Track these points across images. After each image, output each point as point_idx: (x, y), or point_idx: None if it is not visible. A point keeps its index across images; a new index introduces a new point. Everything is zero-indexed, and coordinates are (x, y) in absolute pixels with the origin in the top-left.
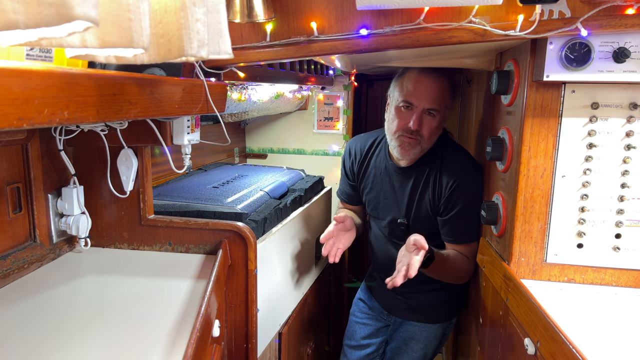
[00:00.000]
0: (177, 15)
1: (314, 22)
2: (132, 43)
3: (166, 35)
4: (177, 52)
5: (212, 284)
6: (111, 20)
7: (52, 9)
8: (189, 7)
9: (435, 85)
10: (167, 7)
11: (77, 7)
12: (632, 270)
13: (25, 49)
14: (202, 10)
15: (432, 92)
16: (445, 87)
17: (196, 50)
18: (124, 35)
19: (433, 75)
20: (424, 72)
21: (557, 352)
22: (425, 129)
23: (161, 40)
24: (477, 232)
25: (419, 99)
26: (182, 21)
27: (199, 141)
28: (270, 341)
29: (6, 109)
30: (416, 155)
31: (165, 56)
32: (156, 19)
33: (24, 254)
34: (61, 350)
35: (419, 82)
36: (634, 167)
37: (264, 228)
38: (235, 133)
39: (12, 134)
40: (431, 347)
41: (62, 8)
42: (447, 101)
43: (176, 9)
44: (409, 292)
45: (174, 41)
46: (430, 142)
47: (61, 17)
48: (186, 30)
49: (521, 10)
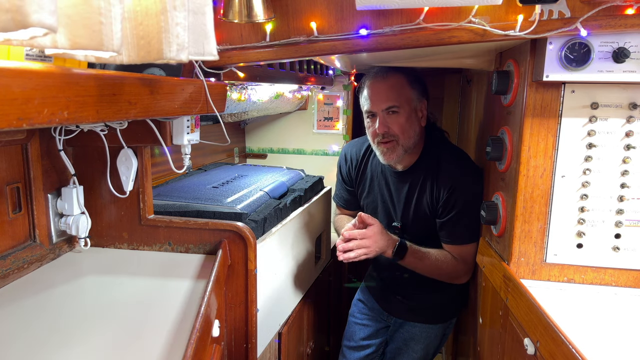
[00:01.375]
0: (157, 18)
1: (314, 22)
2: (102, 46)
3: (146, 37)
4: (156, 55)
5: (212, 284)
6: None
7: (9, 15)
8: (169, 10)
9: (386, 85)
10: (148, 10)
11: (33, 15)
12: (631, 270)
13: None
14: (182, 15)
15: (384, 92)
16: (398, 82)
17: (175, 54)
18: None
19: (381, 76)
20: (374, 77)
21: (556, 352)
22: (395, 127)
23: (141, 41)
24: (475, 233)
25: (375, 104)
26: (162, 24)
27: (198, 141)
28: (270, 341)
29: (6, 109)
30: (400, 156)
31: (145, 57)
32: (137, 21)
33: (23, 254)
34: (61, 350)
35: (371, 89)
36: (633, 167)
37: (263, 228)
38: (235, 133)
39: (12, 134)
40: (431, 347)
41: (18, 15)
42: (405, 94)
43: (157, 12)
44: (409, 293)
45: (153, 44)
46: (409, 138)
47: (17, 23)
48: (165, 34)
49: (521, 10)
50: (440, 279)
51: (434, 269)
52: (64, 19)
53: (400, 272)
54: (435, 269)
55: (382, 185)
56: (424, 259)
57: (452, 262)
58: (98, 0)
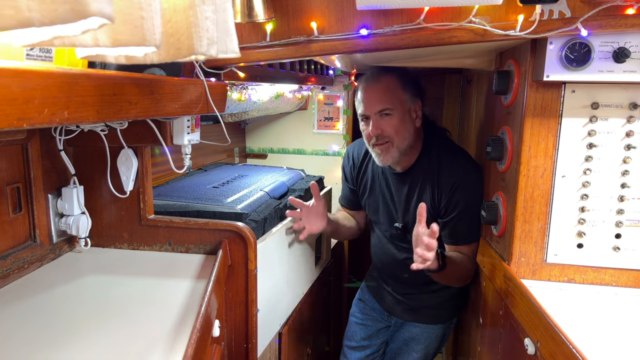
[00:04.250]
0: (186, 13)
1: (314, 22)
2: (145, 41)
3: (176, 34)
4: (187, 51)
5: (212, 284)
6: (123, 18)
7: (67, 5)
8: (197, 5)
9: (378, 87)
10: (176, 6)
11: (92, 4)
12: (632, 270)
13: (25, 49)
14: (210, 8)
15: (377, 94)
16: (391, 84)
17: (206, 49)
18: (136, 34)
19: (373, 78)
20: (366, 80)
21: (557, 352)
22: (388, 129)
23: (171, 39)
24: (477, 232)
25: (368, 107)
26: (192, 19)
27: (199, 141)
28: (270, 341)
29: (6, 109)
30: (396, 158)
31: (175, 55)
32: (165, 18)
33: (24, 254)
34: (61, 350)
35: (364, 92)
36: (634, 167)
37: (264, 228)
38: (235, 133)
39: (12, 134)
40: (432, 347)
41: (77, 4)
42: (398, 96)
43: (185, 7)
44: (409, 294)
45: (183, 40)
46: (403, 139)
47: (76, 13)
48: (195, 29)
49: (521, 10)
50: (457, 284)
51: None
52: None
53: (401, 272)
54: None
55: (383, 186)
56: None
57: (470, 263)
58: None
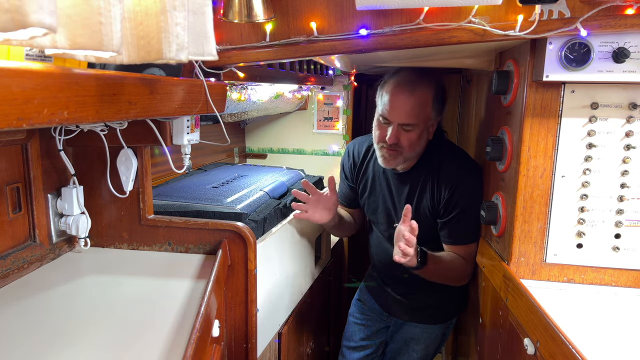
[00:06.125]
0: (157, 18)
1: (314, 22)
2: (102, 46)
3: (146, 37)
4: (156, 55)
5: (212, 284)
6: (81, 22)
7: (8, 15)
8: (169, 10)
9: (410, 100)
10: (148, 10)
11: (32, 14)
12: (631, 270)
13: (25, 49)
14: (182, 15)
15: (407, 107)
16: (423, 100)
17: (175, 54)
18: (93, 38)
19: (409, 87)
20: (401, 84)
21: (556, 352)
22: (404, 141)
23: (141, 41)
24: (476, 233)
25: (394, 115)
26: (162, 24)
27: (198, 141)
28: (270, 341)
29: (6, 109)
30: (400, 164)
31: (145, 57)
32: (137, 21)
33: (23, 254)
34: (61, 350)
35: (394, 96)
36: (633, 167)
37: (263, 228)
38: (235, 133)
39: (12, 134)
40: (432, 347)
41: (17, 14)
42: (426, 113)
43: (157, 12)
44: (409, 294)
45: (153, 44)
46: (413, 151)
47: (16, 23)
48: (165, 34)
49: (521, 10)
50: (451, 282)
51: (448, 272)
52: (64, 18)
53: (400, 272)
54: (450, 272)
55: (384, 186)
56: (440, 263)
57: (462, 263)
58: (98, 0)
